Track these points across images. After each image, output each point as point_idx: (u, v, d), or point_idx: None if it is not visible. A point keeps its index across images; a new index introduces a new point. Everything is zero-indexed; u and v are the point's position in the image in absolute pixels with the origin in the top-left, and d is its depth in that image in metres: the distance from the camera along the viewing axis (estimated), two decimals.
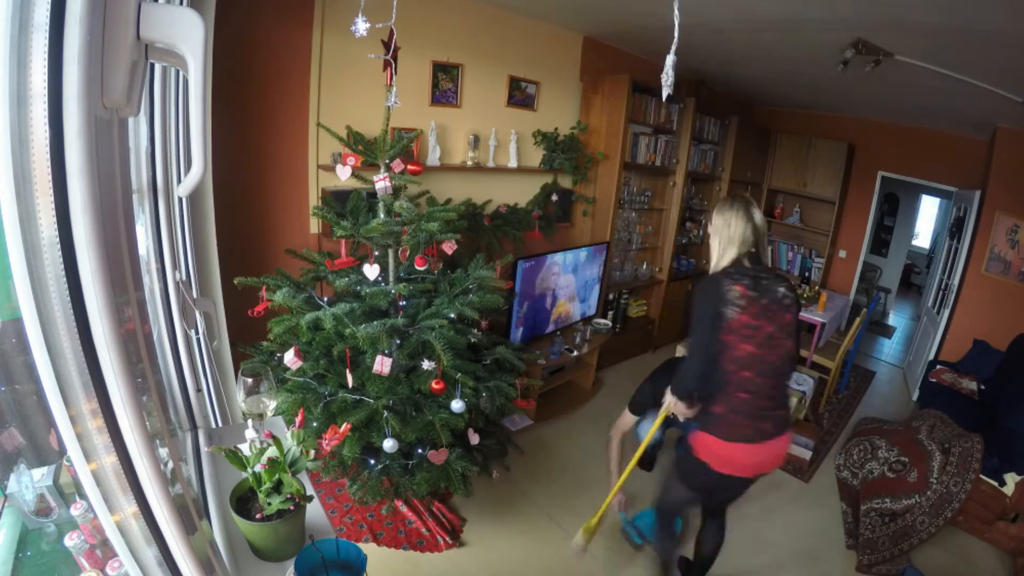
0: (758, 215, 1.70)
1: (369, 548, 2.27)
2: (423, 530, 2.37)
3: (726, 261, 1.68)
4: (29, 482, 0.93)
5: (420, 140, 3.00)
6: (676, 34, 0.87)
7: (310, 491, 1.15)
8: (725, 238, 1.69)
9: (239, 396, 1.12)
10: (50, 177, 0.51)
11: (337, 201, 2.28)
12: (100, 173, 0.54)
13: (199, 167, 0.67)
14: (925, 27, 2.41)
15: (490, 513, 2.58)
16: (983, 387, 3.78)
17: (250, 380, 1.11)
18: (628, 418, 2.41)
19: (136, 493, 0.65)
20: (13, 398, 0.86)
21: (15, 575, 0.87)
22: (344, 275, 2.07)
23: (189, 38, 0.61)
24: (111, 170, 0.75)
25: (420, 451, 2.15)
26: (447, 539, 2.33)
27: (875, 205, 5.32)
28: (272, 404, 1.14)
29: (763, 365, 1.62)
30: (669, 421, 2.05)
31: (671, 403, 1.81)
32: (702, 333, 1.64)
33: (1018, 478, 2.64)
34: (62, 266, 0.53)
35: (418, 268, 2.11)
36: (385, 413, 1.96)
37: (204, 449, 1.31)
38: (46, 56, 0.49)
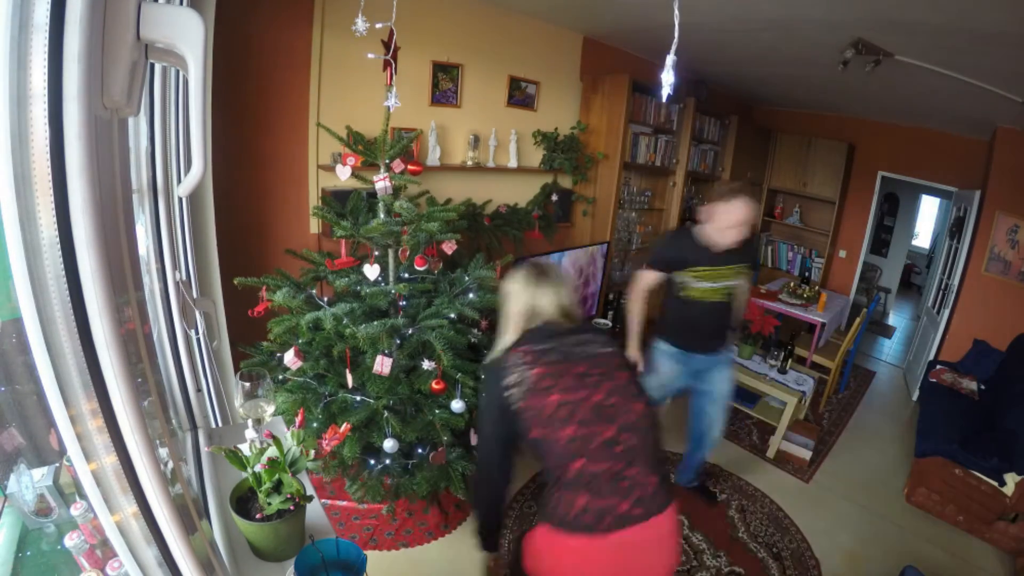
0: (558, 290, 1.34)
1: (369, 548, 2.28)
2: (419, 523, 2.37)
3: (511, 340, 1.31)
4: (29, 482, 0.93)
5: (420, 140, 2.99)
6: (676, 34, 0.87)
7: (310, 491, 1.15)
8: (513, 314, 1.33)
9: (237, 400, 1.12)
10: (50, 177, 0.51)
11: (337, 201, 2.28)
12: (100, 173, 0.54)
13: (199, 167, 0.67)
14: (925, 27, 2.41)
15: None
16: (983, 387, 3.78)
17: (248, 384, 1.11)
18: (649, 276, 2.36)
19: (136, 493, 0.65)
20: (13, 398, 0.86)
21: (15, 575, 0.87)
22: (344, 275, 2.07)
23: (189, 38, 0.61)
24: (111, 170, 0.75)
25: (420, 451, 2.15)
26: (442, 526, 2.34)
27: (875, 205, 5.33)
28: (270, 408, 1.14)
29: (598, 447, 1.14)
30: None
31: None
32: (489, 440, 1.27)
33: (1018, 478, 2.64)
34: (62, 266, 0.53)
35: (418, 268, 2.11)
36: (385, 413, 1.96)
37: (204, 449, 1.31)
38: (46, 56, 0.49)
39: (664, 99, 1.07)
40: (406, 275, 2.18)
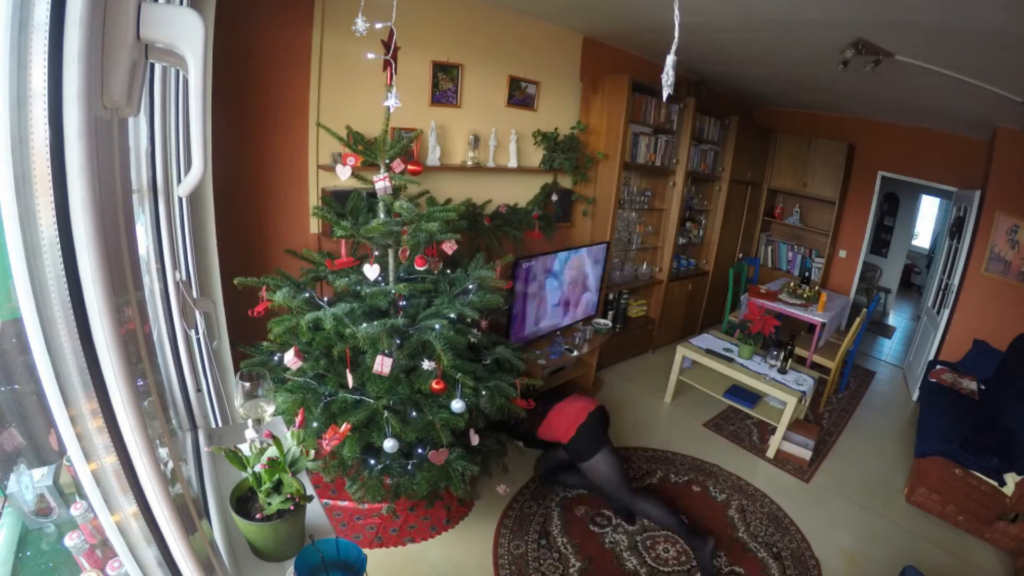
0: None
1: (371, 548, 2.28)
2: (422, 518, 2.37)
3: None
4: (29, 482, 0.93)
5: (420, 140, 2.99)
6: (676, 34, 0.87)
7: (310, 491, 1.15)
8: None
9: (237, 400, 1.12)
10: (50, 177, 0.51)
11: (337, 201, 2.28)
12: (100, 173, 0.54)
13: (199, 167, 0.67)
14: (925, 27, 2.41)
15: (489, 513, 2.59)
16: (983, 387, 3.78)
17: (248, 384, 1.11)
18: None
19: (136, 493, 0.65)
20: (13, 398, 0.86)
21: (15, 575, 0.87)
22: (344, 275, 2.07)
23: (189, 38, 0.61)
24: (111, 170, 0.75)
25: (420, 451, 2.15)
26: (444, 522, 2.34)
27: (875, 205, 5.33)
28: (270, 409, 1.14)
29: None
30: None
31: None
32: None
33: (1018, 478, 2.64)
34: (62, 266, 0.53)
35: (418, 268, 2.11)
36: (385, 413, 1.96)
37: (204, 449, 1.31)
38: (46, 56, 0.49)
39: (664, 99, 1.07)
40: (406, 275, 2.18)
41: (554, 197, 3.73)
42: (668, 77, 0.81)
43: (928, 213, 7.96)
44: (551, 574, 2.29)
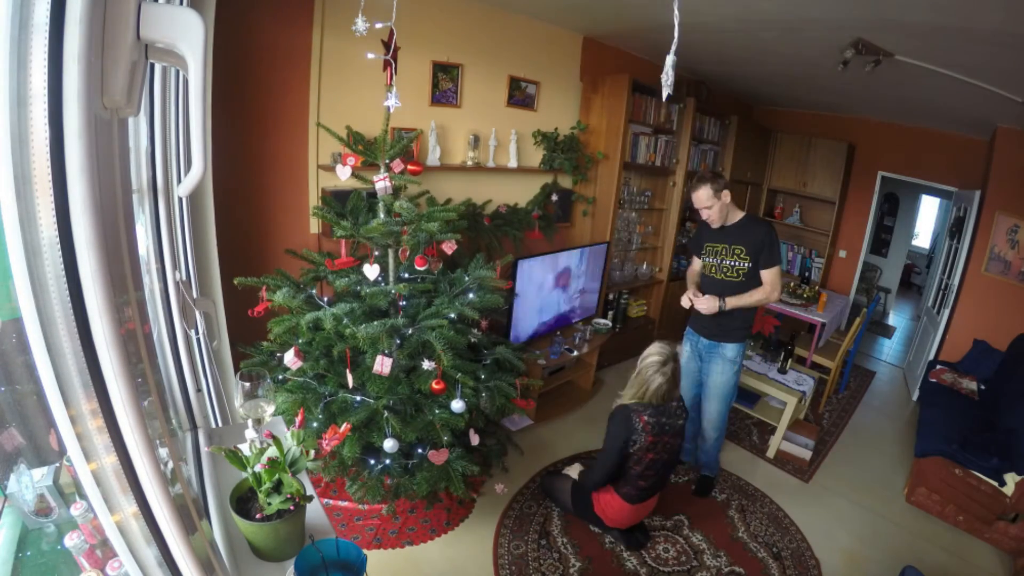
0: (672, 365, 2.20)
1: (372, 549, 2.28)
2: (421, 521, 2.37)
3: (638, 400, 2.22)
4: (29, 482, 0.93)
5: (420, 140, 2.99)
6: (676, 34, 0.87)
7: (310, 491, 1.15)
8: (642, 383, 2.21)
9: (237, 400, 1.12)
10: (50, 177, 0.51)
11: (337, 201, 2.28)
12: (100, 173, 0.54)
13: (199, 167, 0.67)
14: (925, 27, 2.41)
15: (489, 513, 2.59)
16: (983, 387, 3.78)
17: (248, 384, 1.11)
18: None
19: (136, 493, 0.65)
20: (13, 398, 0.86)
21: (15, 575, 0.87)
22: (344, 275, 2.07)
23: (189, 38, 0.61)
24: (111, 170, 0.75)
25: (420, 451, 2.15)
26: (444, 524, 2.34)
27: (875, 205, 5.33)
28: (270, 408, 1.14)
29: (658, 461, 2.24)
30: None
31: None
32: (611, 453, 2.23)
33: (1018, 478, 2.64)
34: (62, 266, 0.53)
35: (418, 268, 2.11)
36: (385, 413, 1.96)
37: (204, 449, 1.31)
38: (46, 56, 0.49)
39: (664, 99, 1.07)
40: (406, 275, 2.18)
41: (554, 197, 3.73)
42: (668, 77, 0.81)
43: (928, 213, 7.96)
44: (551, 574, 2.29)
